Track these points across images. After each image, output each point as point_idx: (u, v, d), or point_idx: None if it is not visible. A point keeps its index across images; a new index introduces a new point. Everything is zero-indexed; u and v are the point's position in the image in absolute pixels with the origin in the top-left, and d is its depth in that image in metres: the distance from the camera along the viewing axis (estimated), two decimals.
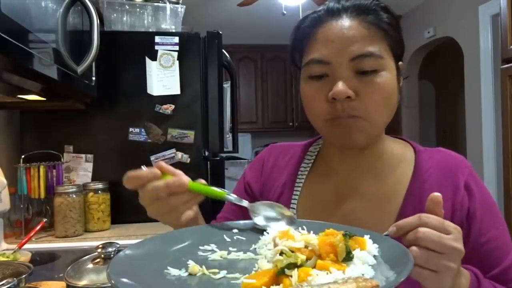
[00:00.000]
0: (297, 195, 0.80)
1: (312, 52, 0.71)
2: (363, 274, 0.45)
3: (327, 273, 0.44)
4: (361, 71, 0.68)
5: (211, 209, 1.08)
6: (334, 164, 0.81)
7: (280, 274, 0.44)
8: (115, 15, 1.94)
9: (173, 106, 1.90)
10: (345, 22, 0.70)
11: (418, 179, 0.75)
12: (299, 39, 0.75)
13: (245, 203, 0.68)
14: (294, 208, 0.79)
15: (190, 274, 0.51)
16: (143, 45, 1.89)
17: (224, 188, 0.70)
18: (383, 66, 0.69)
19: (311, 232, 0.54)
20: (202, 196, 0.67)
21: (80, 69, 1.30)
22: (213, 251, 0.58)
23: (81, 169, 1.88)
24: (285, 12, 3.80)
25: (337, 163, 0.81)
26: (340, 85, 0.67)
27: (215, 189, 0.66)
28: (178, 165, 1.88)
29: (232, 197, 0.68)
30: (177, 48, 1.90)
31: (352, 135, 0.70)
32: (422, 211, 0.72)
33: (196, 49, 1.93)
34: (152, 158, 1.88)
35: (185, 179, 0.65)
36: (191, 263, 0.52)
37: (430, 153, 0.79)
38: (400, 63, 0.76)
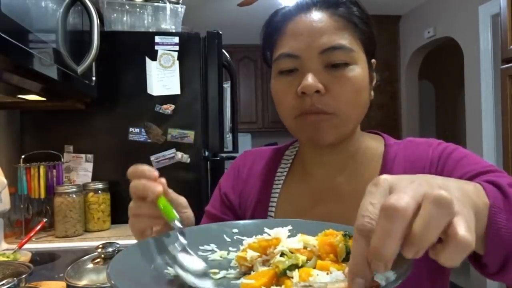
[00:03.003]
0: (274, 201, 0.78)
1: (281, 47, 0.70)
2: None
3: (328, 273, 0.44)
4: (332, 65, 0.67)
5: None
6: (309, 166, 0.79)
7: (281, 276, 0.44)
8: (115, 15, 1.94)
9: (173, 106, 1.90)
10: (315, 15, 0.68)
11: (385, 173, 0.72)
12: (269, 34, 0.74)
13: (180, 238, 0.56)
14: (272, 216, 0.77)
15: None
16: (143, 45, 1.89)
17: None
18: (353, 59, 0.67)
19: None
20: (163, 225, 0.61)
21: (80, 69, 1.30)
22: (213, 251, 0.58)
23: (81, 169, 1.88)
24: None
25: (312, 164, 0.79)
26: (310, 79, 0.65)
27: (172, 211, 0.58)
28: (178, 165, 1.88)
29: (177, 226, 0.56)
30: (177, 48, 1.90)
31: (321, 132, 0.68)
32: None
33: (196, 49, 1.93)
34: (152, 158, 1.88)
35: (160, 191, 0.58)
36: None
37: (399, 144, 0.76)
38: (373, 60, 0.74)
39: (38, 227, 1.50)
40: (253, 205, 0.80)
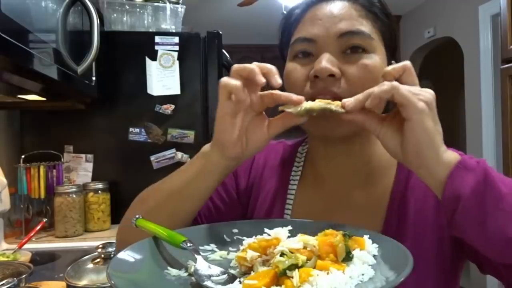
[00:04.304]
0: (290, 206, 0.74)
1: (298, 32, 0.67)
2: (363, 275, 0.45)
3: (328, 273, 0.44)
4: (349, 49, 0.63)
5: None
6: (321, 168, 0.74)
7: (281, 276, 0.44)
8: (115, 15, 1.94)
9: (173, 106, 1.90)
10: (335, 4, 0.66)
11: (399, 183, 0.70)
12: (288, 24, 0.72)
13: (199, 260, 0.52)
14: None
15: (190, 274, 0.51)
16: (143, 45, 1.89)
17: None
18: (372, 47, 0.64)
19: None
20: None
21: (80, 69, 1.30)
22: (213, 251, 0.58)
23: (81, 169, 1.88)
24: (285, 12, 3.80)
25: (323, 166, 0.74)
26: (324, 61, 0.61)
27: (176, 233, 0.55)
28: (178, 165, 1.88)
29: (190, 246, 0.53)
30: (177, 48, 1.90)
31: (332, 122, 0.62)
32: (406, 216, 0.66)
33: (196, 49, 1.93)
34: (152, 158, 1.88)
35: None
36: (191, 263, 0.52)
37: None
38: (393, 62, 0.70)
39: (38, 227, 1.50)
40: (266, 208, 0.76)
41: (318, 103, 0.56)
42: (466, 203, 0.50)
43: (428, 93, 0.54)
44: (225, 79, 0.59)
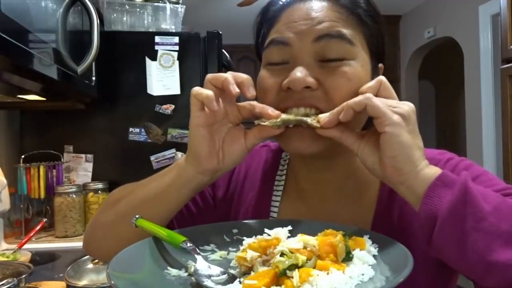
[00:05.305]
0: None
1: (273, 34, 0.63)
2: (363, 275, 0.45)
3: (327, 273, 0.44)
4: (326, 58, 0.59)
5: None
6: (302, 182, 0.71)
7: (281, 276, 0.44)
8: (115, 15, 1.94)
9: (173, 106, 1.90)
10: (314, 4, 0.61)
11: (383, 197, 0.66)
12: (264, 22, 0.67)
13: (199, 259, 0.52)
14: None
15: (190, 274, 0.51)
16: (143, 45, 1.89)
17: None
18: (352, 54, 0.59)
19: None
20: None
21: (80, 69, 1.30)
22: (213, 251, 0.58)
23: (81, 169, 1.88)
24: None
25: (304, 180, 0.70)
26: (299, 72, 0.57)
27: (176, 234, 0.55)
28: None
29: (190, 246, 0.53)
30: (177, 48, 1.90)
31: (305, 139, 0.59)
32: (391, 230, 0.62)
33: (196, 49, 1.93)
34: (152, 158, 1.88)
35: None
36: (191, 263, 0.52)
37: None
38: (380, 65, 0.66)
39: (38, 227, 1.50)
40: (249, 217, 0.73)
41: (294, 116, 0.56)
42: (443, 223, 0.47)
43: (406, 106, 0.52)
44: (196, 89, 0.56)
